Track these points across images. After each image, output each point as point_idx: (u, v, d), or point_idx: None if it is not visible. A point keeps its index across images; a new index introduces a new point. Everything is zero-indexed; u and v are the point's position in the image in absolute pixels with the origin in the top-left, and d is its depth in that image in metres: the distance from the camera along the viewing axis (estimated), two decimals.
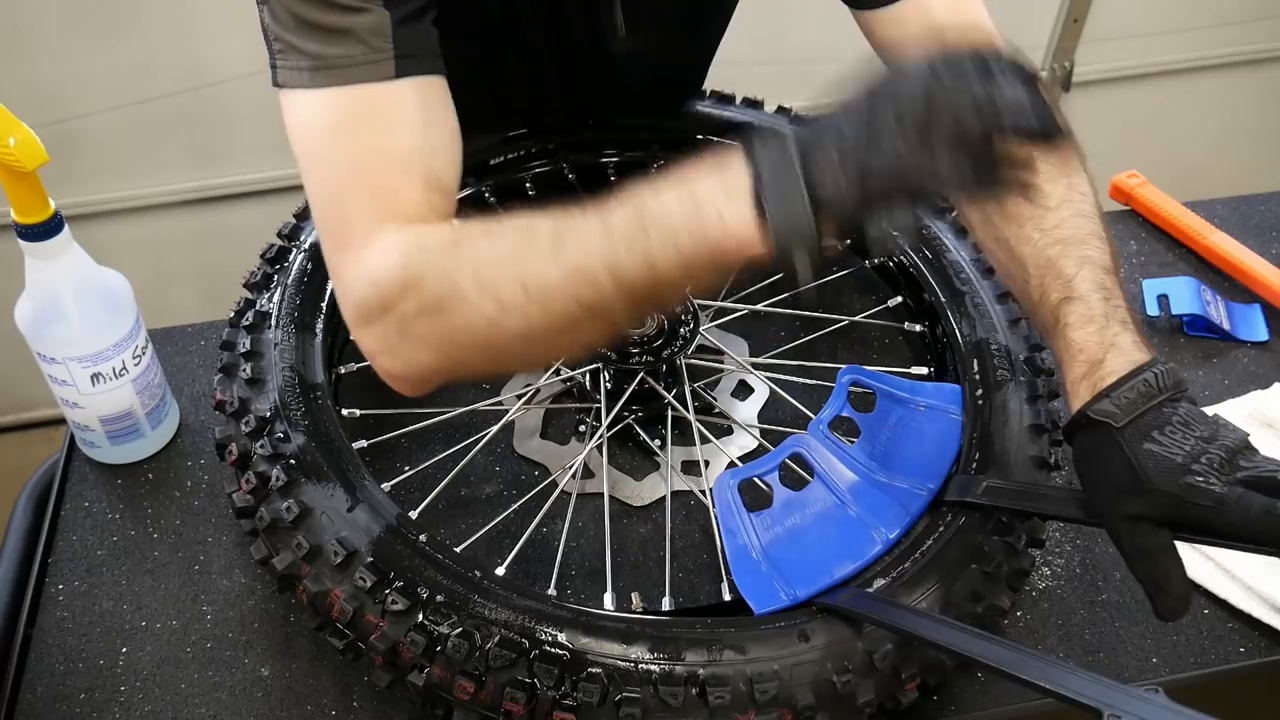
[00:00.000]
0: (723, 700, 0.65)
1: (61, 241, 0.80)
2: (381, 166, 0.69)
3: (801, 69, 1.84)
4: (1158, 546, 0.63)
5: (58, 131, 1.69)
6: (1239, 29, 2.17)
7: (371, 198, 0.69)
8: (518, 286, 0.63)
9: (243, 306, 0.88)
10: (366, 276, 0.68)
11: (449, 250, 0.67)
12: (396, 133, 0.69)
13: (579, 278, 0.62)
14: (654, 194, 0.62)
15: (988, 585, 0.74)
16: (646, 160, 1.11)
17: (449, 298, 0.65)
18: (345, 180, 0.69)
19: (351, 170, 0.69)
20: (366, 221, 0.68)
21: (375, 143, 0.69)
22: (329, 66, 0.68)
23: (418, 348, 0.68)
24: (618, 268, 0.61)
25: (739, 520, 0.80)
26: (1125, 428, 0.65)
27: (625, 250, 0.61)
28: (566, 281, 0.62)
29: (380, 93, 0.68)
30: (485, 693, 0.67)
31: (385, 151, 0.69)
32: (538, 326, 0.64)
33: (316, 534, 0.72)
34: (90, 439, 0.91)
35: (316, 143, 0.70)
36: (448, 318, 0.66)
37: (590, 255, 0.62)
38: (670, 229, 0.60)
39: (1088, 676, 0.56)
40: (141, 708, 0.76)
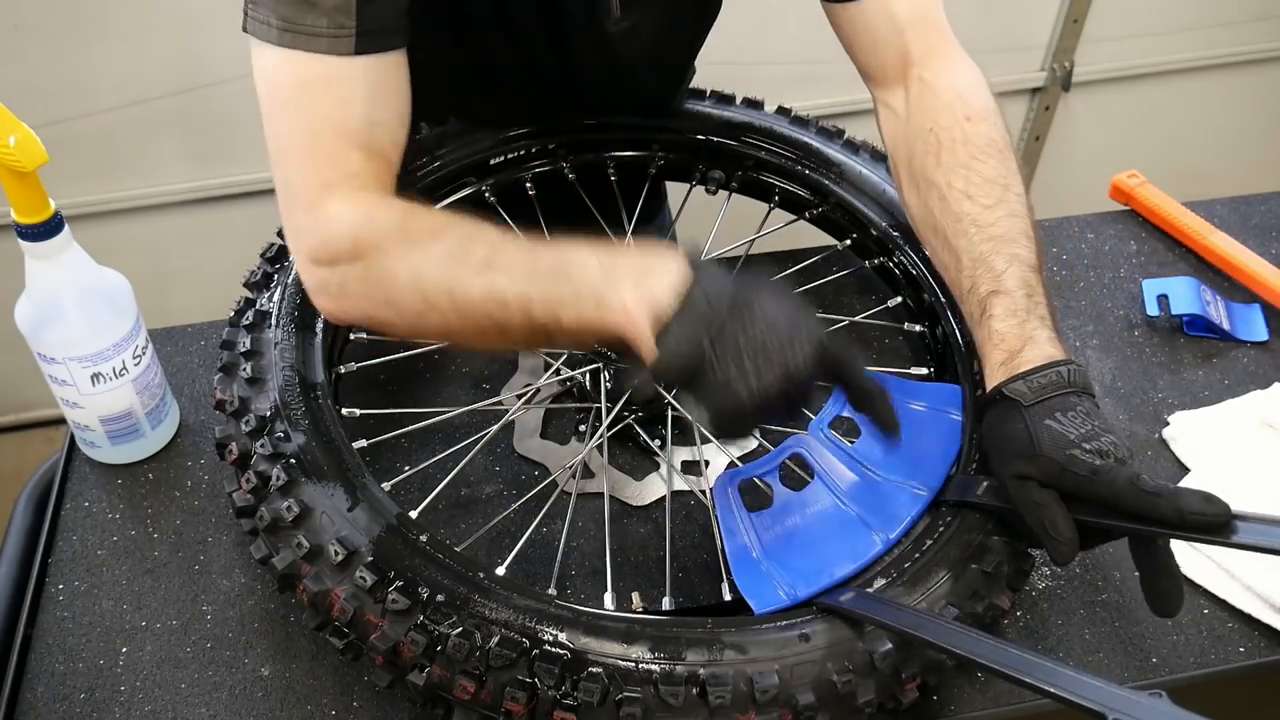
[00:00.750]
0: (723, 700, 0.65)
1: (61, 241, 0.80)
2: (328, 134, 0.75)
3: (801, 69, 1.84)
4: (1045, 499, 0.69)
5: (58, 131, 1.69)
6: (1239, 29, 2.17)
7: (319, 160, 0.75)
8: (443, 290, 0.72)
9: (243, 306, 0.88)
10: (319, 232, 0.75)
11: (397, 237, 0.74)
12: (346, 105, 0.75)
13: (493, 299, 0.71)
14: (584, 257, 0.71)
15: (987, 585, 0.74)
16: (646, 160, 1.11)
17: (388, 279, 0.73)
18: (296, 140, 0.76)
19: (303, 133, 0.75)
20: (315, 182, 0.75)
21: (326, 111, 0.75)
22: (295, 31, 0.73)
23: (353, 301, 0.76)
24: (528, 304, 0.70)
25: (739, 520, 0.80)
26: (1031, 406, 0.72)
27: (539, 293, 0.70)
28: (484, 299, 0.71)
29: (337, 66, 0.74)
30: (486, 692, 0.67)
31: (334, 120, 0.75)
32: (454, 328, 0.74)
33: (317, 533, 0.72)
34: (90, 439, 0.91)
35: (277, 99, 0.76)
36: (384, 292, 0.74)
37: (510, 284, 0.70)
38: (582, 293, 0.69)
39: (1090, 679, 0.56)
40: (141, 708, 0.76)
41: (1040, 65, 2.13)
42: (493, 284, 0.70)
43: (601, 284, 0.69)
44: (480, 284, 0.71)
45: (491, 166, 1.06)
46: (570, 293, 0.69)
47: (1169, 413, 0.99)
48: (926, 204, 0.86)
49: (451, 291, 0.71)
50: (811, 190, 1.07)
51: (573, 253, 0.71)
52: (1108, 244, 1.18)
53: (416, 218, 0.75)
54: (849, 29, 0.93)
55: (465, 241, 0.73)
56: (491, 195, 1.05)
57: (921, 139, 0.88)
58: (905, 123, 0.91)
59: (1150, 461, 0.95)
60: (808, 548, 0.78)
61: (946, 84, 0.89)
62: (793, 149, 1.07)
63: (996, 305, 0.79)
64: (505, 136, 1.05)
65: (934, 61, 0.91)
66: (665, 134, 1.09)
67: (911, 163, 0.89)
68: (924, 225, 0.88)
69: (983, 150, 0.85)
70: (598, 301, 0.68)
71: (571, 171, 1.08)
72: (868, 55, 0.93)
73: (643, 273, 0.69)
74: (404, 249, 0.73)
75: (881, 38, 0.91)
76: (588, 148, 1.09)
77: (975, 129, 0.86)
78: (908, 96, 0.91)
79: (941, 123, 0.87)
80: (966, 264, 0.82)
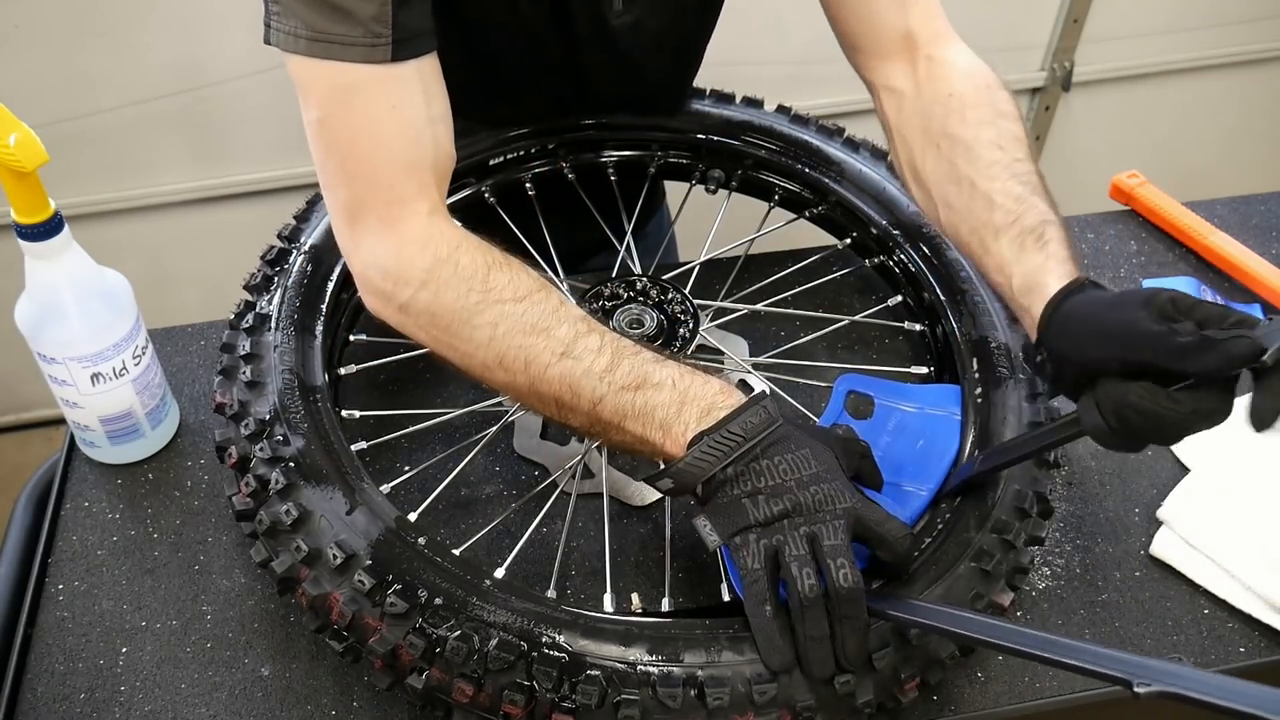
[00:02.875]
0: (721, 701, 0.65)
1: (61, 241, 0.80)
2: (379, 149, 0.75)
3: (802, 69, 1.84)
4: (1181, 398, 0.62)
5: (58, 131, 1.69)
6: (1239, 29, 2.17)
7: (389, 173, 0.75)
8: (520, 359, 0.73)
9: (243, 309, 0.88)
10: (394, 251, 0.76)
11: (480, 288, 0.75)
12: (391, 115, 0.75)
13: (567, 387, 0.73)
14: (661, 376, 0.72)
15: (987, 583, 0.74)
16: (646, 160, 1.11)
17: (460, 325, 0.75)
18: (356, 150, 0.75)
19: (352, 148, 0.75)
20: (386, 196, 0.76)
21: (372, 123, 0.74)
22: (328, 41, 0.72)
23: (414, 323, 0.77)
24: (598, 404, 0.72)
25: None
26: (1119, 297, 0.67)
27: (611, 399, 0.72)
28: (559, 382, 0.73)
29: (377, 75, 0.73)
30: (484, 695, 0.67)
31: (382, 134, 0.75)
32: (518, 392, 0.75)
33: (316, 537, 0.72)
34: (90, 439, 0.91)
35: (327, 110, 0.75)
36: (451, 335, 0.75)
37: (585, 379, 0.72)
38: (651, 415, 0.71)
39: (1113, 652, 0.58)
40: (141, 708, 0.76)
41: (1040, 65, 2.13)
42: (570, 372, 0.72)
43: (672, 414, 0.71)
44: (559, 368, 0.72)
45: (491, 167, 1.06)
46: (640, 410, 0.71)
47: None
48: (950, 159, 0.84)
49: (529, 364, 0.73)
50: (811, 189, 1.07)
51: (651, 369, 0.72)
52: (1108, 244, 1.18)
53: (500, 271, 0.75)
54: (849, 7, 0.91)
55: (549, 316, 0.74)
56: (491, 196, 1.05)
57: (941, 103, 0.87)
58: (917, 96, 0.89)
59: (1150, 461, 0.95)
60: None
61: (960, 60, 0.89)
62: (793, 147, 1.07)
63: (1053, 232, 0.76)
64: (504, 137, 1.05)
65: (941, 43, 0.90)
66: (664, 133, 1.09)
67: (929, 126, 0.87)
68: (943, 181, 0.85)
69: (1008, 113, 0.85)
70: (664, 428, 0.71)
71: (571, 171, 1.08)
72: (868, 36, 0.92)
73: (708, 409, 0.70)
74: (485, 303, 0.74)
75: (884, 16, 0.90)
76: (587, 147, 1.09)
77: (998, 95, 0.86)
78: (916, 73, 0.90)
79: (962, 88, 0.87)
80: (1004, 202, 0.79)
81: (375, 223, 0.76)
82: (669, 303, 0.94)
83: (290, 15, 0.72)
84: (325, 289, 0.89)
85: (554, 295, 0.75)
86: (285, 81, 0.75)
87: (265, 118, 1.80)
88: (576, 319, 0.74)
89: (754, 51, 1.80)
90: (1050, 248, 0.76)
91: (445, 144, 0.79)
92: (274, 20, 0.73)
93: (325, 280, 0.89)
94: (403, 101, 0.75)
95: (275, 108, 1.77)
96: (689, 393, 0.71)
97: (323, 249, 0.91)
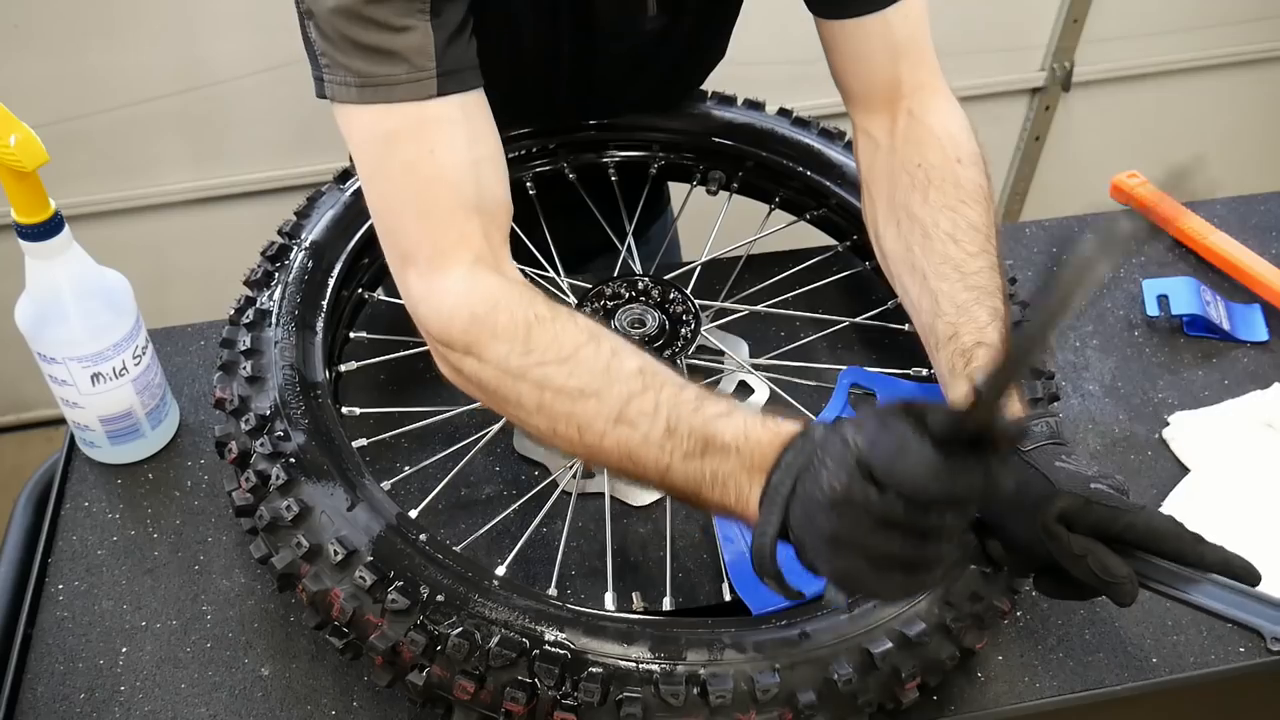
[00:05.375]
0: (724, 699, 0.65)
1: (61, 241, 0.80)
2: (429, 186, 0.73)
3: (802, 69, 1.84)
4: (1086, 544, 0.65)
5: (58, 131, 1.69)
6: (1239, 29, 2.17)
7: (432, 221, 0.73)
8: (572, 426, 0.69)
9: (243, 304, 0.88)
10: (434, 306, 0.73)
11: (520, 349, 0.70)
12: (441, 150, 0.73)
13: (626, 456, 0.68)
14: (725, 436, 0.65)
15: (987, 585, 0.74)
16: (648, 161, 1.11)
17: (507, 389, 0.71)
18: (398, 198, 0.74)
19: (403, 188, 0.73)
20: (426, 246, 0.73)
21: (421, 160, 0.72)
22: (375, 84, 0.70)
23: (470, 386, 0.75)
24: (666, 472, 0.67)
25: (737, 528, 0.80)
26: (1031, 452, 0.70)
27: (679, 466, 0.66)
28: (616, 451, 0.68)
29: (424, 111, 0.71)
30: (486, 692, 0.67)
31: (431, 170, 0.73)
32: (584, 458, 0.73)
33: (316, 533, 0.72)
34: (90, 439, 0.91)
35: (371, 157, 0.74)
36: (501, 404, 0.73)
37: (645, 447, 0.67)
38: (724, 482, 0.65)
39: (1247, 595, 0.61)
40: (141, 708, 0.76)
41: (1040, 65, 2.13)
42: (627, 440, 0.67)
43: (743, 482, 0.64)
44: (614, 436, 0.68)
45: None
46: (711, 479, 0.66)
47: (1169, 413, 0.99)
48: (907, 241, 0.84)
49: (581, 431, 0.69)
50: (812, 192, 1.07)
51: (714, 429, 0.65)
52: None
53: (542, 328, 0.71)
54: (841, 46, 0.90)
55: (598, 378, 0.69)
56: None
57: (908, 173, 0.86)
58: (890, 154, 0.88)
59: (1150, 461, 0.95)
60: None
61: (938, 122, 0.88)
62: (794, 150, 1.07)
63: (983, 357, 0.77)
64: (506, 136, 1.05)
65: (924, 97, 0.89)
66: (666, 134, 1.09)
67: (894, 196, 0.86)
68: (899, 262, 0.85)
69: (971, 196, 0.83)
70: (738, 496, 0.65)
71: (572, 171, 1.08)
72: (856, 78, 0.91)
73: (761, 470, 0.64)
74: (528, 367, 0.70)
75: (875, 62, 0.89)
76: (589, 148, 1.09)
77: (966, 173, 0.85)
78: (894, 128, 0.89)
79: (932, 160, 0.85)
80: (947, 309, 0.79)
81: (417, 279, 0.74)
82: (670, 303, 0.94)
83: (338, 67, 0.71)
84: (326, 285, 0.89)
85: (604, 348, 0.70)
86: (285, 81, 0.75)
87: (265, 118, 1.80)
88: (629, 376, 0.68)
89: (755, 52, 1.80)
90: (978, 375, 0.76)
91: (493, 186, 0.76)
92: (325, 74, 0.72)
93: (326, 277, 0.89)
94: (442, 144, 0.72)
95: (275, 108, 1.77)
96: (754, 456, 0.64)
97: (323, 245, 0.91)
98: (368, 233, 0.93)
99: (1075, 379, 1.02)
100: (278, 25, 1.69)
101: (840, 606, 0.68)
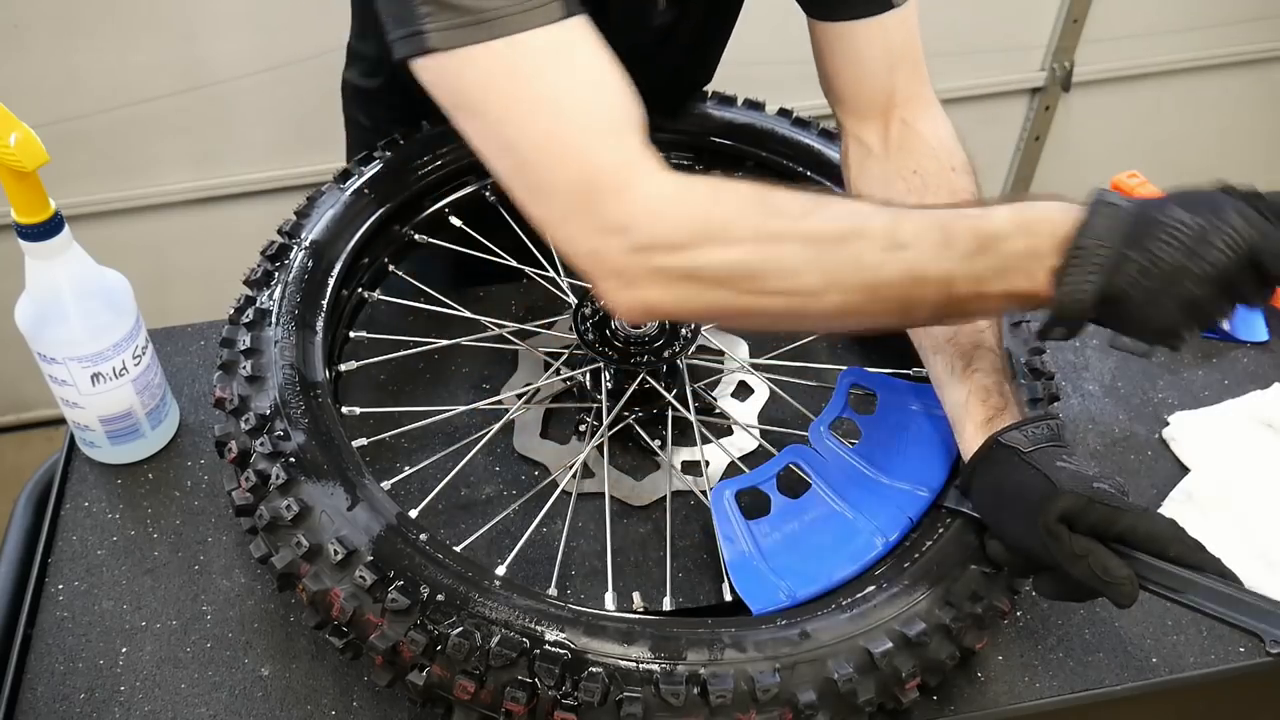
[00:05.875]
0: (724, 699, 0.65)
1: (61, 241, 0.80)
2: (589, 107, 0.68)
3: (802, 69, 1.84)
4: (1086, 545, 0.65)
5: (58, 131, 1.69)
6: (1239, 29, 2.17)
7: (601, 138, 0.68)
8: (848, 269, 0.67)
9: (243, 303, 0.88)
10: (655, 214, 0.67)
11: (770, 212, 0.67)
12: (583, 70, 0.69)
13: (911, 278, 0.66)
14: (1000, 226, 0.66)
15: (987, 586, 0.74)
16: None
17: (766, 265, 0.67)
18: (561, 128, 0.68)
19: (561, 116, 0.68)
20: (611, 162, 0.68)
21: (574, 83, 0.68)
22: (493, 18, 0.65)
23: (703, 299, 0.69)
24: (950, 282, 0.66)
25: (736, 528, 0.80)
26: (1031, 453, 0.70)
27: (962, 271, 0.66)
28: (901, 278, 0.66)
29: (553, 35, 0.67)
30: (486, 692, 0.67)
31: (586, 91, 0.68)
32: (855, 308, 0.68)
33: (316, 532, 0.72)
34: (90, 439, 0.91)
35: (507, 97, 0.68)
36: (757, 283, 0.67)
37: (931, 262, 0.66)
38: (1009, 268, 0.66)
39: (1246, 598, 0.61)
40: (141, 708, 0.76)
41: (1040, 65, 2.13)
42: (910, 262, 0.66)
43: (1029, 259, 0.65)
44: (893, 262, 0.66)
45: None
46: (997, 269, 0.66)
47: (1169, 413, 0.99)
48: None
49: (859, 269, 0.67)
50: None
51: (984, 222, 0.66)
52: None
53: (774, 192, 0.69)
54: (835, 50, 0.90)
55: (852, 216, 0.68)
56: (492, 195, 1.05)
57: (903, 179, 0.86)
58: (884, 160, 0.88)
59: (1150, 461, 0.95)
60: (807, 551, 0.78)
61: (931, 131, 0.88)
62: (794, 151, 1.07)
63: (982, 359, 0.78)
64: None
65: (917, 107, 0.89)
66: (666, 134, 1.09)
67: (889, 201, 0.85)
68: None
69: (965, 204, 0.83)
70: (1030, 274, 0.66)
71: None
72: (849, 83, 0.90)
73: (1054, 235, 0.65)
74: (784, 226, 0.67)
75: (870, 67, 0.88)
76: None
77: (960, 181, 0.85)
78: (887, 136, 0.89)
79: (927, 167, 0.86)
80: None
81: (614, 200, 0.67)
82: None
83: (448, 10, 0.65)
84: (326, 285, 0.89)
85: (833, 196, 0.71)
86: (285, 81, 0.74)
87: (265, 118, 1.80)
88: (875, 208, 0.68)
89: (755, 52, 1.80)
90: (975, 378, 0.77)
91: (632, 96, 0.71)
92: (427, 23, 0.65)
93: (326, 276, 0.89)
94: (583, 61, 0.68)
95: (275, 108, 1.77)
96: (1033, 228, 0.65)
97: (324, 244, 0.91)
98: (368, 232, 0.93)
99: (1075, 379, 1.02)
100: (278, 25, 1.69)
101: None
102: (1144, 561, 0.65)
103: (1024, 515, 0.68)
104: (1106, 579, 0.64)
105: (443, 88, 0.69)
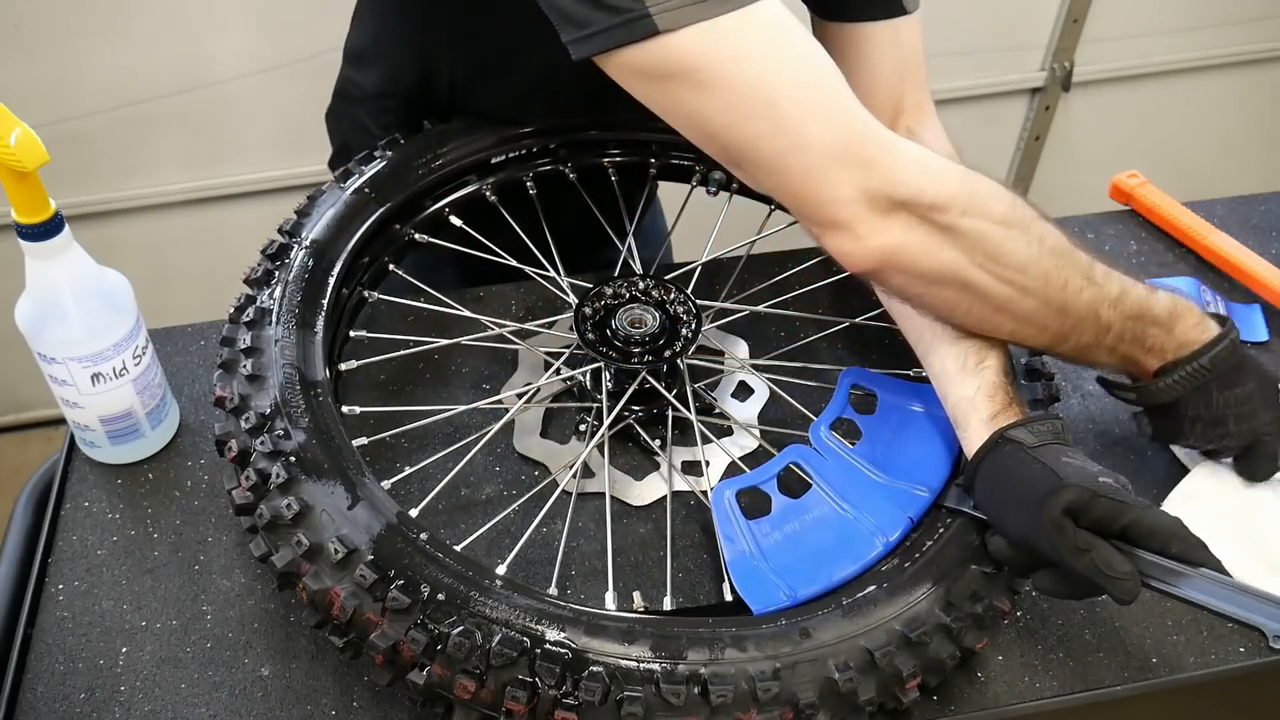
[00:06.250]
0: (725, 699, 0.65)
1: (61, 241, 0.80)
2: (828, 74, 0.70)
3: None
4: (1090, 540, 0.66)
5: (58, 131, 1.69)
6: (1239, 29, 2.17)
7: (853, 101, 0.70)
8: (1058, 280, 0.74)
9: (243, 302, 0.88)
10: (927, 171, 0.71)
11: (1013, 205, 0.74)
12: (803, 41, 0.70)
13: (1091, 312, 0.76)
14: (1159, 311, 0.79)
15: (988, 586, 0.74)
16: (646, 161, 1.11)
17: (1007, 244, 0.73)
18: (815, 95, 0.69)
19: (808, 84, 0.69)
20: (870, 124, 0.70)
21: (808, 53, 0.69)
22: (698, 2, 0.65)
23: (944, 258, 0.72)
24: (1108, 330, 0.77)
25: (737, 528, 0.80)
26: (1037, 448, 0.71)
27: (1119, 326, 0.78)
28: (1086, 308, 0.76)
29: (772, 9, 0.68)
30: (486, 692, 0.67)
31: (820, 59, 0.70)
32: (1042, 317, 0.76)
33: (316, 531, 0.72)
34: (90, 439, 0.90)
35: (751, 72, 0.68)
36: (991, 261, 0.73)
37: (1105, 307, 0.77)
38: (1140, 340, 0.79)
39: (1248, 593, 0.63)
40: (141, 708, 0.76)
41: (1040, 65, 2.13)
42: (1096, 299, 0.75)
43: (1162, 343, 0.79)
44: (1089, 293, 0.75)
45: (493, 165, 1.05)
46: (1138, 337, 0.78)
47: None
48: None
49: (1065, 286, 0.74)
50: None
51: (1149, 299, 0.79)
52: (1108, 244, 1.18)
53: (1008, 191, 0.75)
54: (845, 52, 0.89)
55: (1063, 240, 0.75)
56: (492, 195, 1.05)
57: None
58: None
59: (1150, 461, 0.95)
60: (807, 551, 0.78)
61: (934, 140, 0.89)
62: None
63: (992, 358, 0.78)
64: (507, 135, 1.05)
65: (921, 115, 0.89)
66: (666, 134, 1.09)
67: None
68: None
69: None
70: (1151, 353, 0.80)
71: (572, 172, 1.08)
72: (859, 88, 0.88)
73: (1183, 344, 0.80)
74: (1027, 216, 0.74)
75: (880, 72, 0.88)
76: (589, 148, 1.09)
77: None
78: None
79: None
80: None
81: (884, 155, 0.69)
82: (671, 303, 0.94)
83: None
84: (326, 284, 0.89)
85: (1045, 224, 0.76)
86: (285, 81, 0.74)
87: (265, 118, 1.80)
88: (1072, 245, 0.76)
89: None
90: (985, 375, 0.78)
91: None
92: (654, 7, 0.65)
93: (326, 275, 0.89)
94: (799, 36, 0.69)
95: (275, 108, 1.77)
96: (1177, 327, 0.79)
97: (324, 243, 0.91)
98: (368, 231, 0.93)
99: (1075, 379, 1.02)
100: (278, 25, 1.69)
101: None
102: (1146, 559, 0.65)
103: (1028, 508, 0.68)
104: (1109, 574, 0.65)
105: (670, 68, 0.68)
